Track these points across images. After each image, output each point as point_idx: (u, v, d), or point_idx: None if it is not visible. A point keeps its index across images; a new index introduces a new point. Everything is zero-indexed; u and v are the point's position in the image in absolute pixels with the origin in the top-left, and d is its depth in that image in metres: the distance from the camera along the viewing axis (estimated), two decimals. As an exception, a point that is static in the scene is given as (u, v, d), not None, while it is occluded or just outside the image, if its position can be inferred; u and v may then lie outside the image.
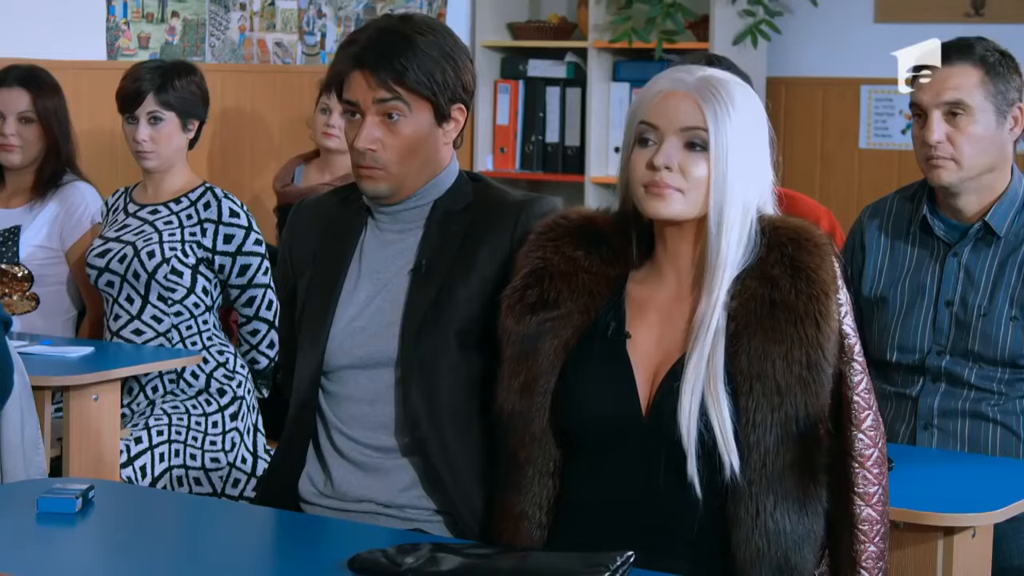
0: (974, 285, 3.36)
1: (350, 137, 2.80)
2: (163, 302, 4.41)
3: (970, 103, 3.31)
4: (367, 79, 2.75)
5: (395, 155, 2.77)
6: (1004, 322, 3.33)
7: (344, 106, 2.81)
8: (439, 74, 2.77)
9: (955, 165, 3.32)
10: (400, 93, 2.75)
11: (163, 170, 4.50)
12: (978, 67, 3.32)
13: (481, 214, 2.81)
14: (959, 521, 2.84)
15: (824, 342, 2.43)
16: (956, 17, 6.10)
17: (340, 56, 2.80)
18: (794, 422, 2.43)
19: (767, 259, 2.47)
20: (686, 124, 2.46)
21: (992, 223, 3.35)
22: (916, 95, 3.37)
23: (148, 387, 4.43)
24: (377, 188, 2.80)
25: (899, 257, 3.44)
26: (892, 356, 3.40)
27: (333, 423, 2.82)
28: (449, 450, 2.73)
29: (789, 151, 6.25)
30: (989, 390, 3.35)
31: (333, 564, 2.35)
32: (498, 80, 6.54)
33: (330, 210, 2.92)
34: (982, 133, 3.32)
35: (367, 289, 2.83)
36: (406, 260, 2.81)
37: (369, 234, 2.86)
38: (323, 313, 2.83)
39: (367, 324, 2.80)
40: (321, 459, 2.84)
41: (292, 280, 2.93)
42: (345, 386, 2.82)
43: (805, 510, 2.46)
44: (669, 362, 2.49)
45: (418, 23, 2.80)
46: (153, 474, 4.25)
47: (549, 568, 2.29)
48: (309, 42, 5.80)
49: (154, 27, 5.31)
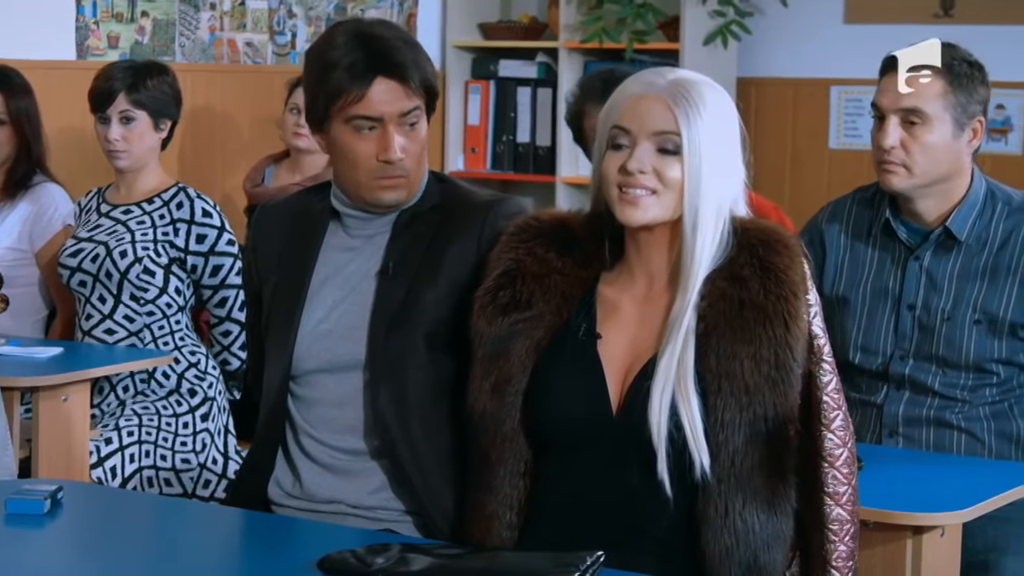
0: (937, 289, 3.35)
1: (363, 151, 2.73)
2: (135, 302, 4.40)
3: (928, 112, 3.28)
4: (393, 91, 2.71)
5: (415, 161, 2.77)
6: (968, 326, 3.32)
7: (358, 122, 2.73)
8: (433, 75, 2.79)
9: (906, 172, 3.31)
10: (423, 98, 2.75)
11: (135, 170, 4.49)
12: (942, 76, 3.29)
13: (448, 215, 2.79)
14: (928, 520, 2.85)
15: (793, 342, 2.44)
16: (925, 18, 6.12)
17: (346, 74, 2.71)
18: (763, 421, 2.43)
19: (737, 259, 2.48)
20: (658, 128, 2.47)
21: (953, 228, 3.34)
22: (877, 97, 3.35)
23: (119, 387, 4.42)
24: (399, 197, 2.78)
25: (860, 258, 3.44)
26: (855, 357, 3.40)
27: (302, 427, 2.82)
28: (418, 452, 2.73)
29: (759, 151, 6.23)
30: (953, 397, 3.35)
31: (303, 564, 2.35)
32: (469, 80, 6.54)
33: (293, 214, 2.90)
34: (937, 143, 3.29)
35: (334, 292, 2.81)
36: (374, 263, 2.80)
37: (334, 237, 2.84)
38: (289, 317, 2.81)
39: (334, 327, 2.79)
40: (290, 462, 2.84)
41: (257, 285, 2.91)
42: (313, 390, 2.81)
43: (774, 510, 2.47)
44: (640, 362, 2.49)
45: (398, 26, 2.81)
46: (123, 475, 4.24)
47: (519, 568, 2.29)
48: (279, 42, 5.79)
49: (124, 27, 5.30)
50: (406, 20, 6.29)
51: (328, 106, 2.74)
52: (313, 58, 2.79)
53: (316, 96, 2.77)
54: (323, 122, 2.77)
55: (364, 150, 2.73)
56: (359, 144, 2.73)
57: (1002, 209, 3.36)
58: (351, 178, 2.78)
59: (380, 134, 2.72)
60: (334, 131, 2.76)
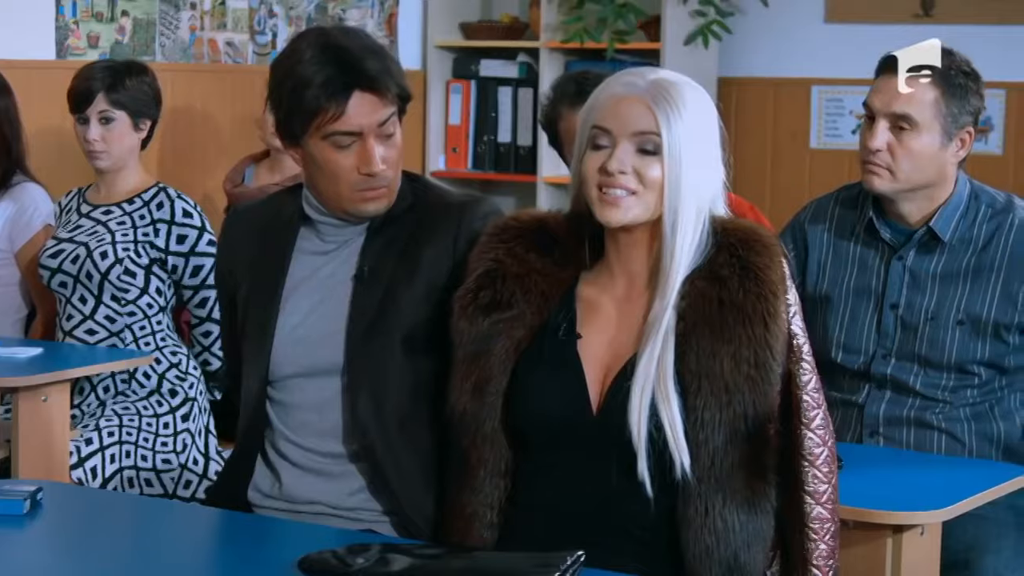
0: (920, 289, 3.36)
1: (343, 164, 2.70)
2: (116, 302, 4.39)
3: (918, 119, 3.28)
4: (370, 103, 2.69)
5: (395, 169, 2.76)
6: (951, 327, 3.33)
7: (337, 138, 2.70)
8: (403, 77, 2.77)
9: (889, 175, 3.30)
10: (397, 104, 2.73)
11: (115, 170, 4.48)
12: (937, 86, 3.29)
13: (422, 217, 2.78)
14: (908, 519, 2.86)
15: (772, 341, 2.44)
16: (905, 18, 6.13)
17: (322, 91, 2.67)
18: (742, 420, 2.44)
19: (716, 259, 2.49)
20: (638, 128, 2.47)
21: (936, 228, 3.34)
22: (870, 96, 3.34)
23: (100, 387, 4.41)
24: (382, 207, 2.76)
25: (843, 257, 3.44)
26: (837, 355, 3.40)
27: (281, 431, 2.81)
28: (398, 455, 2.73)
29: (740, 151, 6.27)
30: (934, 398, 3.36)
31: (283, 565, 2.34)
32: (450, 80, 6.54)
33: (263, 219, 2.88)
34: (923, 151, 3.29)
35: (310, 297, 2.80)
36: (348, 267, 2.79)
37: (307, 242, 2.83)
38: (265, 323, 2.80)
39: (311, 332, 2.78)
40: (269, 465, 2.83)
41: (231, 291, 2.90)
42: (292, 394, 2.80)
43: (754, 509, 2.48)
44: (619, 362, 2.50)
45: (360, 31, 2.78)
46: (104, 475, 4.23)
47: (499, 568, 2.29)
48: (260, 41, 5.78)
49: (104, 26, 5.28)
50: (387, 19, 6.28)
51: (305, 124, 2.71)
52: (283, 75, 2.73)
53: (291, 114, 2.72)
54: (298, 138, 2.74)
55: (345, 164, 2.71)
56: (339, 158, 2.71)
57: (985, 211, 3.37)
58: (331, 191, 2.75)
59: (360, 147, 2.70)
60: (311, 147, 2.73)
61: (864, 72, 6.28)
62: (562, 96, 3.86)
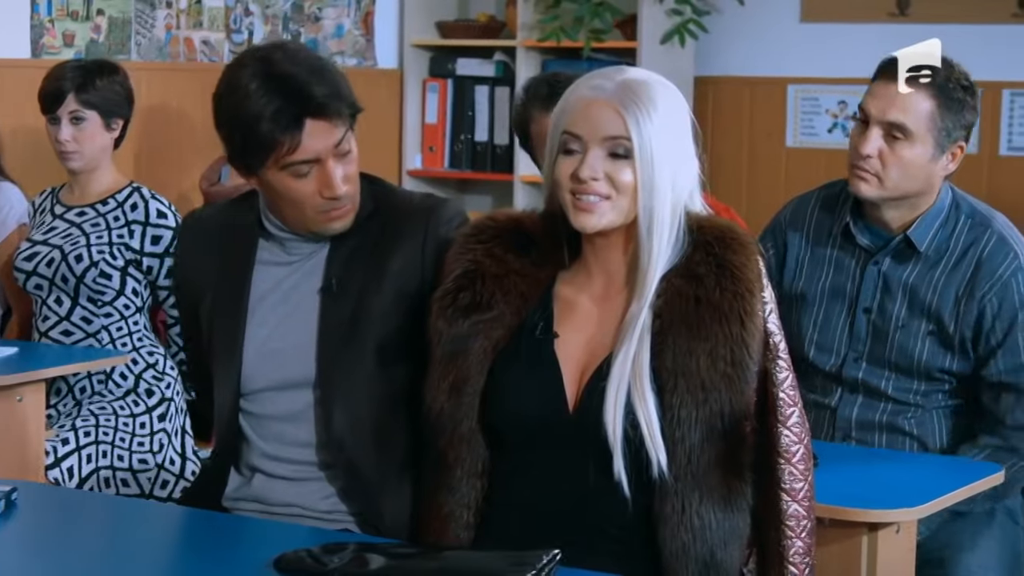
0: (892, 296, 3.35)
1: (305, 191, 2.66)
2: (93, 304, 4.38)
3: (912, 129, 3.26)
4: (323, 129, 2.63)
5: (355, 185, 2.72)
6: (921, 335, 3.33)
7: (295, 168, 2.65)
8: (351, 92, 2.70)
9: (877, 182, 3.29)
10: (350, 124, 2.68)
11: (88, 170, 4.47)
12: (934, 98, 3.26)
13: (387, 223, 2.75)
14: (883, 517, 2.86)
15: (748, 339, 2.45)
16: (881, 17, 6.15)
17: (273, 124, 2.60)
18: (719, 418, 2.44)
19: (693, 257, 2.49)
20: (608, 134, 2.46)
21: (914, 238, 3.34)
22: (866, 100, 3.32)
23: (76, 388, 4.40)
24: (347, 224, 2.73)
25: (820, 256, 3.43)
26: (810, 353, 3.41)
27: (255, 442, 2.80)
28: (374, 462, 2.73)
29: (716, 150, 6.28)
30: (906, 402, 3.36)
31: (259, 564, 2.34)
32: (427, 79, 6.53)
33: (220, 229, 2.84)
34: (913, 161, 3.27)
35: (277, 309, 2.78)
36: (315, 278, 2.76)
37: (268, 253, 2.80)
38: (233, 337, 2.78)
39: (282, 346, 2.76)
40: (243, 473, 2.83)
41: (193, 305, 2.87)
42: (264, 406, 2.79)
43: (731, 506, 2.48)
44: (596, 361, 2.50)
45: (300, 50, 2.70)
46: (80, 475, 4.22)
47: (475, 567, 2.29)
48: (236, 40, 5.77)
49: (79, 25, 5.27)
50: (363, 18, 6.28)
51: (261, 160, 2.66)
52: (230, 112, 2.66)
53: (244, 151, 2.67)
54: (255, 171, 2.69)
55: (306, 190, 2.67)
56: (300, 186, 2.67)
57: (964, 222, 3.35)
58: (294, 216, 2.72)
59: (319, 172, 2.66)
60: (268, 177, 2.69)
61: (840, 71, 6.34)
62: (534, 98, 3.81)
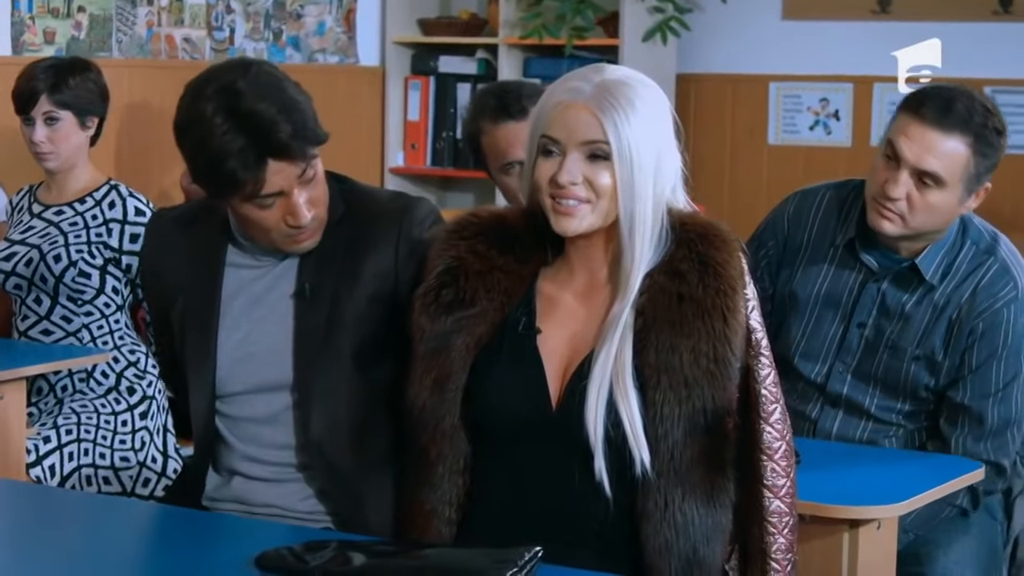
0: (889, 316, 3.31)
1: (271, 219, 2.64)
2: (73, 303, 4.37)
3: (945, 179, 3.17)
4: (288, 166, 2.60)
5: (322, 208, 2.70)
6: (908, 359, 3.30)
7: (261, 200, 2.62)
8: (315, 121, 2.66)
9: (901, 222, 3.21)
10: (315, 155, 2.65)
11: (65, 169, 4.45)
12: (970, 146, 3.17)
13: (358, 226, 2.74)
14: (864, 514, 2.87)
15: (731, 336, 2.45)
16: (863, 15, 6.16)
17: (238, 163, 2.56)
18: (701, 415, 2.44)
19: (675, 255, 2.48)
20: (586, 138, 2.45)
21: (922, 266, 3.28)
22: (898, 139, 3.20)
23: (58, 387, 4.39)
24: (315, 243, 2.72)
25: (819, 261, 3.38)
26: (795, 359, 3.38)
27: (234, 444, 2.80)
28: (354, 463, 2.73)
29: (698, 147, 6.29)
30: (888, 421, 3.34)
31: (240, 562, 2.33)
32: (409, 76, 6.53)
33: (188, 231, 2.82)
34: (942, 206, 3.20)
35: (251, 313, 2.76)
36: (287, 282, 2.75)
37: (237, 256, 2.78)
38: (207, 340, 2.76)
39: (256, 350, 2.75)
40: (222, 475, 2.82)
41: (163, 309, 2.85)
42: (241, 409, 2.78)
43: (713, 503, 2.48)
44: (579, 358, 2.49)
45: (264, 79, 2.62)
46: (62, 473, 4.21)
47: (457, 564, 2.29)
48: (218, 37, 5.76)
49: (60, 22, 5.25)
50: (345, 15, 6.27)
51: (226, 196, 2.64)
52: (194, 146, 2.63)
53: (209, 183, 2.64)
54: (219, 198, 2.67)
55: (272, 218, 2.65)
56: (265, 215, 2.65)
57: (969, 248, 3.30)
58: (261, 238, 2.71)
59: (284, 202, 2.63)
60: (234, 205, 2.67)
61: (822, 68, 6.34)
62: (482, 111, 3.67)
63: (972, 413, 3.29)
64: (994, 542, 3.46)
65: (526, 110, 3.48)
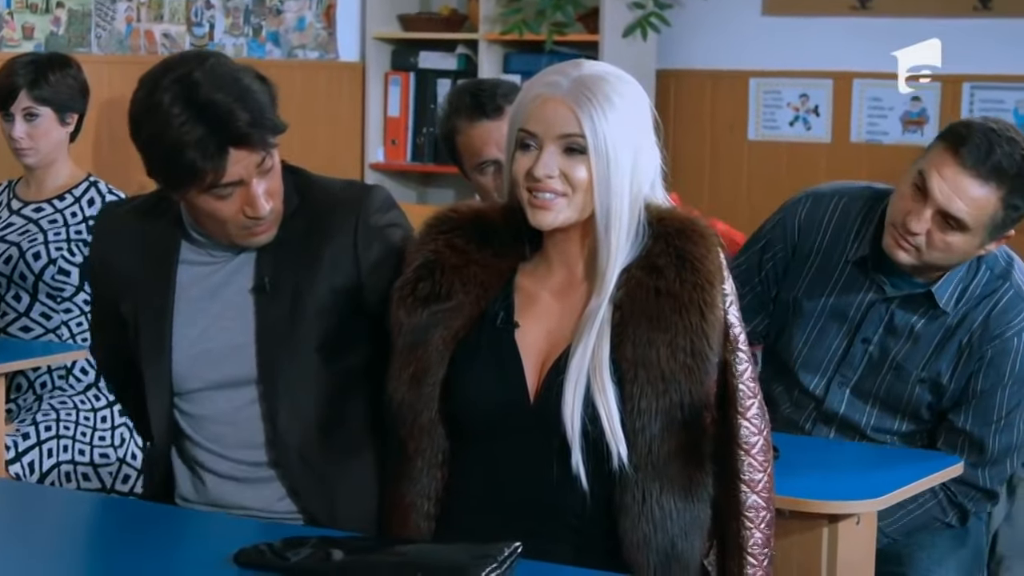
0: (896, 336, 3.27)
1: (228, 210, 2.62)
2: (52, 300, 4.37)
3: (970, 225, 3.11)
4: (246, 154, 2.58)
5: (279, 201, 2.68)
6: (913, 381, 3.26)
7: (219, 191, 2.60)
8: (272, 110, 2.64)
9: (917, 254, 3.15)
10: (274, 144, 2.63)
11: (44, 166, 4.44)
12: (1002, 199, 3.10)
13: (314, 217, 2.72)
14: (843, 509, 2.88)
15: (709, 330, 2.45)
16: (843, 10, 6.17)
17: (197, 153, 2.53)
18: (679, 409, 2.44)
19: (653, 249, 2.49)
20: (562, 131, 2.45)
21: (937, 295, 3.23)
22: (931, 174, 3.11)
23: (37, 383, 4.39)
24: (272, 236, 2.70)
25: (827, 272, 3.32)
26: (796, 366, 3.35)
27: (199, 442, 2.78)
28: (324, 455, 2.71)
29: (678, 143, 6.30)
30: (882, 441, 3.32)
31: (219, 559, 2.33)
32: (389, 72, 6.52)
33: (140, 226, 2.79)
34: (961, 248, 3.15)
35: (207, 308, 2.74)
36: (244, 277, 2.73)
37: (192, 252, 2.76)
38: (161, 337, 2.74)
39: (215, 346, 2.73)
40: (194, 473, 2.80)
41: (112, 305, 2.82)
42: (203, 407, 2.76)
43: (691, 497, 2.49)
44: (556, 352, 2.50)
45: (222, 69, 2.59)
46: (41, 470, 4.20)
47: (436, 560, 2.29)
48: (197, 33, 5.76)
49: (39, 17, 5.24)
50: (325, 11, 6.26)
51: (184, 187, 2.61)
52: (151, 136, 2.59)
53: (167, 176, 2.62)
54: (175, 191, 2.65)
55: (229, 209, 2.63)
56: (223, 206, 2.63)
57: (984, 272, 3.25)
58: (218, 231, 2.69)
59: (243, 192, 2.61)
60: (190, 197, 2.65)
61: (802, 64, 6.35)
62: (457, 109, 3.66)
63: (973, 440, 3.27)
64: (979, 542, 3.45)
65: (502, 109, 3.47)
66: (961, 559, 3.39)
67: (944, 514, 3.30)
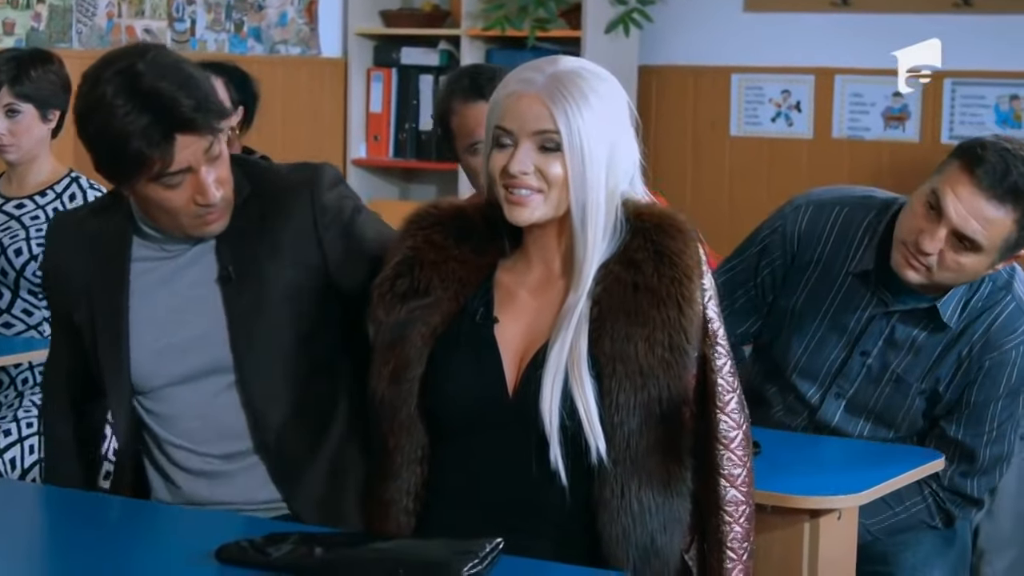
0: (897, 349, 3.25)
1: (178, 200, 2.61)
2: (33, 296, 4.36)
3: (983, 246, 3.06)
4: (194, 140, 2.57)
5: (229, 188, 2.68)
6: (912, 394, 3.25)
7: (167, 179, 2.59)
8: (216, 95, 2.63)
9: (927, 273, 3.11)
10: (220, 129, 2.62)
11: (26, 162, 4.43)
12: (1017, 220, 3.06)
13: (268, 203, 2.72)
14: (825, 504, 2.88)
15: (687, 325, 2.45)
16: (824, 7, 6.18)
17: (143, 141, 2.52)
18: (657, 403, 2.45)
19: (631, 244, 2.49)
20: (537, 128, 2.45)
21: (942, 310, 3.20)
22: (945, 193, 3.06)
23: (18, 379, 4.38)
24: (224, 224, 2.69)
25: (828, 283, 3.29)
26: (793, 374, 3.33)
27: (166, 439, 2.77)
28: (304, 444, 2.72)
29: (660, 139, 6.30)
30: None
31: (201, 555, 2.33)
32: (371, 68, 6.52)
33: (91, 229, 2.79)
34: (972, 268, 3.11)
35: (165, 304, 2.74)
36: (202, 268, 2.73)
37: (145, 249, 2.75)
38: (117, 337, 2.73)
39: (177, 340, 2.72)
40: (165, 475, 2.79)
41: (65, 310, 2.81)
42: (170, 404, 2.75)
43: (670, 491, 2.49)
44: (535, 347, 2.50)
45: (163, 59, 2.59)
46: (23, 466, 4.19)
47: (417, 555, 2.29)
48: (179, 28, 5.75)
49: (19, 13, 5.23)
50: (307, 7, 6.26)
51: (133, 176, 2.60)
52: (97, 129, 2.58)
53: (114, 168, 2.61)
54: (124, 183, 2.64)
55: (179, 199, 2.62)
56: (173, 196, 2.62)
57: (987, 284, 3.22)
58: (169, 223, 2.68)
59: (192, 180, 2.60)
60: (139, 188, 2.63)
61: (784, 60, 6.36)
62: (454, 91, 3.69)
63: (965, 449, 3.26)
64: (964, 542, 3.44)
65: None
66: (947, 559, 3.39)
67: (931, 518, 3.30)
